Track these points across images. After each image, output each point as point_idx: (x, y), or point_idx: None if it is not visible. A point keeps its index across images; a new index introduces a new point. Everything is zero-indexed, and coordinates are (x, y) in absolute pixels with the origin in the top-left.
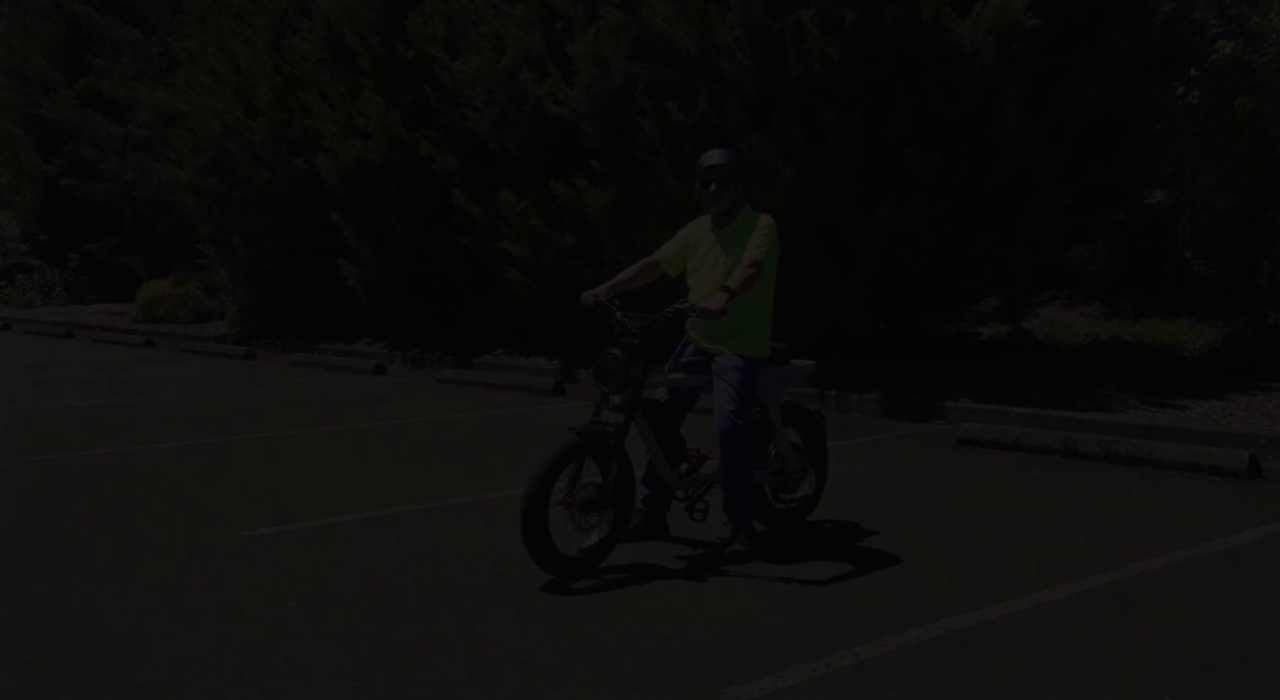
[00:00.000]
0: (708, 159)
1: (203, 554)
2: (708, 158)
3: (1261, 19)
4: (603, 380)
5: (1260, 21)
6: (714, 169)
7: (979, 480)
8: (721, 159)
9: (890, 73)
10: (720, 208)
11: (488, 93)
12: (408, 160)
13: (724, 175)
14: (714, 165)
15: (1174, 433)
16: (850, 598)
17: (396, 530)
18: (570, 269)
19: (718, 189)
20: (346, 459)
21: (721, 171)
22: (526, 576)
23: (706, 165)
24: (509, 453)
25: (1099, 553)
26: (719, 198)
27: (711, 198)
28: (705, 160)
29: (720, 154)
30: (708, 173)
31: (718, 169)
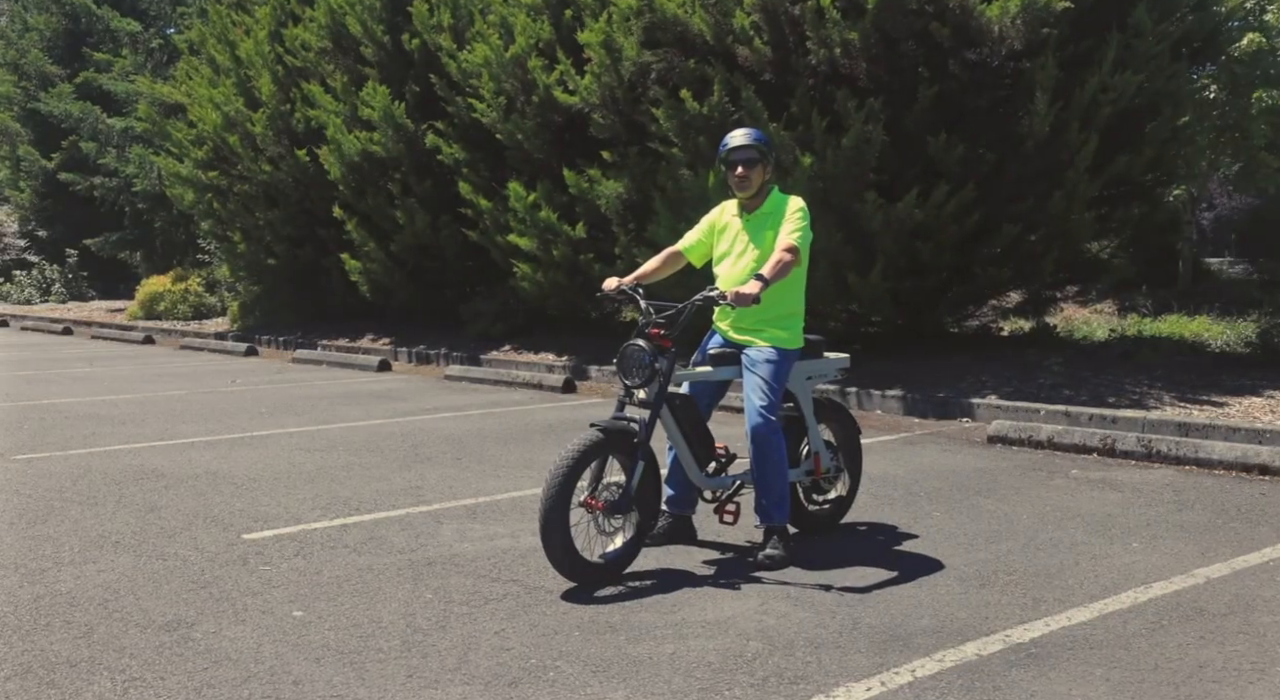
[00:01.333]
0: (734, 139)
1: (199, 558)
2: (733, 138)
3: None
4: (626, 373)
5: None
6: (741, 150)
7: (1015, 480)
8: (749, 139)
9: (913, 59)
10: (749, 191)
11: (495, 82)
12: (413, 152)
13: (752, 156)
14: (741, 146)
15: (1215, 431)
16: (898, 608)
17: (406, 533)
18: (580, 262)
19: (745, 171)
20: (351, 458)
21: (749, 152)
22: (548, 583)
23: (733, 146)
24: (521, 452)
25: (1158, 558)
26: (747, 181)
27: (739, 181)
28: (731, 141)
29: (747, 134)
30: (734, 154)
31: (745, 150)
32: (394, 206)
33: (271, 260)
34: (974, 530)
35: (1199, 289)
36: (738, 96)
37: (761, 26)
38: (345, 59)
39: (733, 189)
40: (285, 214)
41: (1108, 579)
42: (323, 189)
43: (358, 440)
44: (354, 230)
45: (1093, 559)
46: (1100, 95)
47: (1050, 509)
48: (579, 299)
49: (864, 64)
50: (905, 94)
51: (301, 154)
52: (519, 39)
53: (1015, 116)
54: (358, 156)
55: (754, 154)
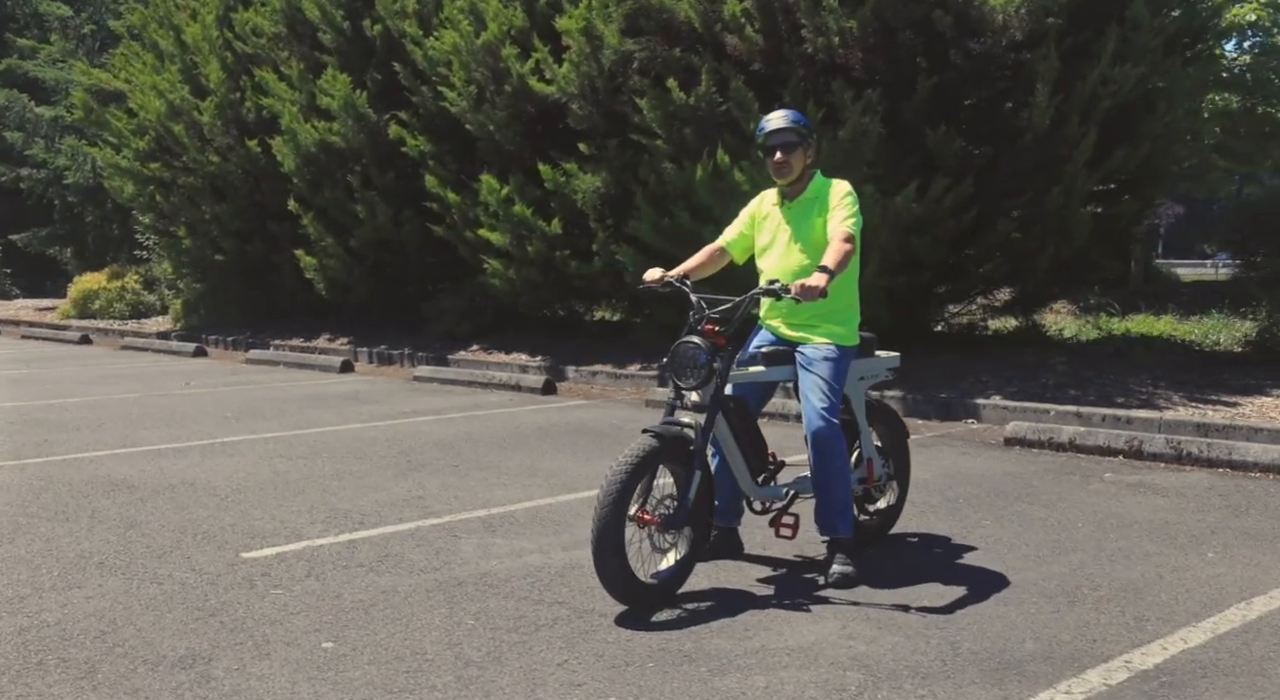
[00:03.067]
0: (771, 122)
1: (198, 581)
2: (771, 121)
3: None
4: (680, 374)
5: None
6: (780, 133)
7: (1051, 484)
8: (788, 121)
9: (911, 49)
10: (789, 177)
11: (466, 71)
12: (374, 143)
13: (792, 140)
14: (780, 129)
15: (1236, 431)
16: (992, 630)
17: (423, 550)
18: (556, 259)
19: (785, 156)
20: (338, 466)
21: (789, 136)
22: (597, 606)
23: (771, 129)
24: (520, 458)
25: (1241, 570)
26: (787, 166)
27: (778, 167)
28: (769, 124)
29: (785, 115)
30: (773, 138)
31: (784, 133)
32: (354, 200)
33: (219, 256)
34: (1034, 540)
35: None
36: (726, 86)
37: (753, 14)
38: (301, 46)
39: (771, 176)
40: (234, 207)
41: (1201, 594)
42: (275, 181)
43: (340, 446)
44: (310, 225)
45: (1174, 571)
46: (1100, 88)
47: (1102, 516)
48: (553, 297)
49: (860, 54)
50: (903, 85)
51: (253, 144)
52: (491, 25)
53: (1014, 109)
54: (315, 147)
55: (794, 137)
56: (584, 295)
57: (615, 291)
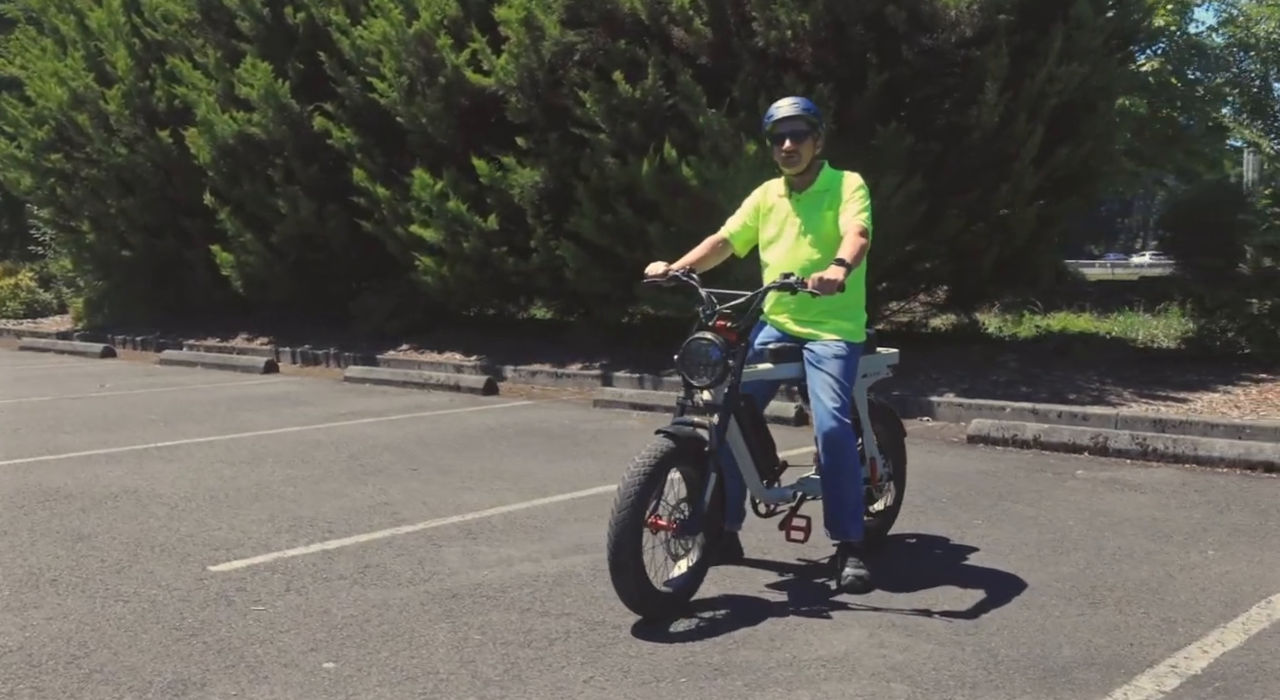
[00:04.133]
0: (780, 110)
1: (169, 598)
2: (780, 108)
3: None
4: (694, 372)
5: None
6: (789, 121)
7: (1027, 482)
8: (797, 109)
9: (862, 44)
10: (798, 167)
11: (397, 61)
12: (298, 135)
13: (801, 129)
14: (789, 117)
15: (1193, 426)
16: (1025, 635)
17: (405, 560)
18: (492, 256)
19: (794, 145)
20: (289, 471)
21: (798, 124)
22: (607, 616)
23: (779, 117)
24: (479, 461)
25: (1247, 567)
26: (796, 156)
27: (787, 156)
28: (777, 111)
29: (795, 103)
30: (781, 126)
31: (794, 121)
32: (275, 194)
33: (125, 252)
34: (1031, 540)
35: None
36: (673, 80)
37: (701, 6)
38: (216, 33)
39: (779, 165)
40: (143, 201)
41: (1219, 594)
42: (188, 174)
43: (284, 451)
44: (228, 219)
45: (1182, 570)
46: (1047, 86)
47: (1089, 513)
48: (489, 294)
49: (810, 48)
50: (854, 81)
51: (164, 135)
52: (423, 14)
53: (963, 107)
54: (233, 139)
55: (803, 126)
56: (522, 293)
57: (554, 289)
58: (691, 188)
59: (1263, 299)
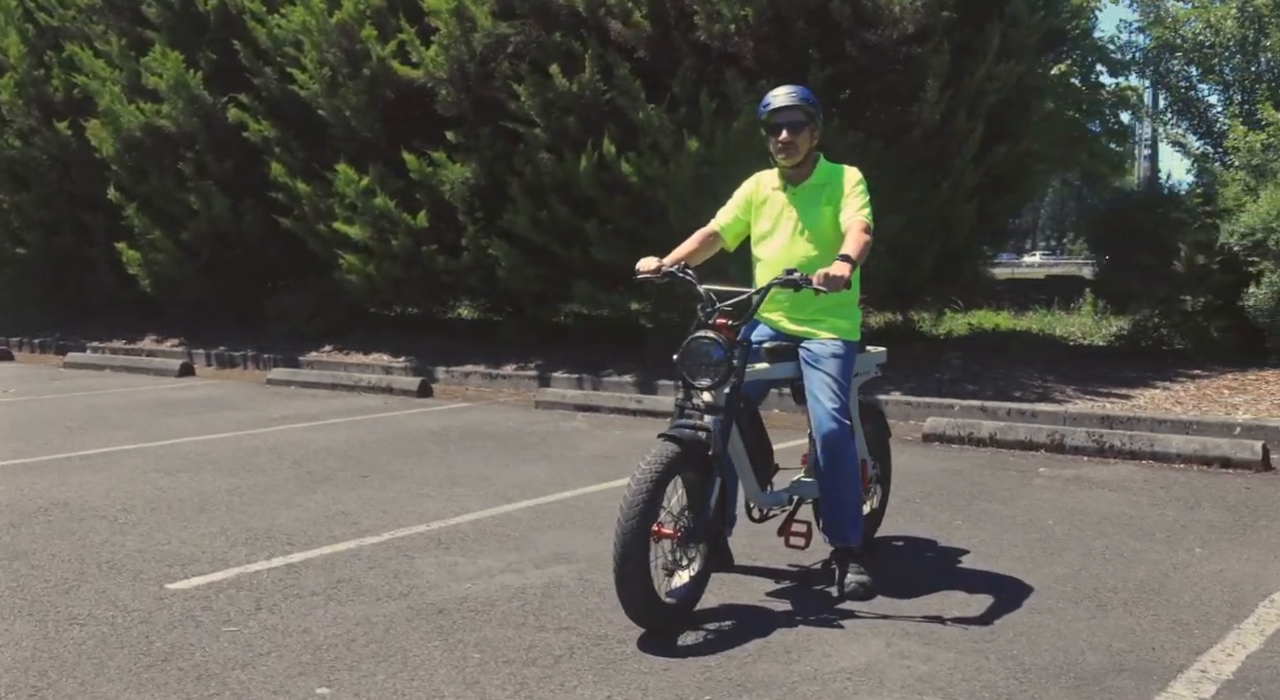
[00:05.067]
0: (776, 99)
1: (128, 620)
2: (776, 97)
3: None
4: (695, 373)
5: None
6: (785, 111)
7: (995, 481)
8: (794, 99)
9: (805, 39)
10: (794, 159)
11: (318, 52)
12: (210, 127)
13: (799, 119)
14: (785, 107)
15: (1140, 422)
16: (1044, 641)
17: (378, 573)
18: (422, 254)
19: (791, 136)
20: (231, 480)
21: (795, 114)
22: (607, 630)
23: (775, 107)
24: (431, 466)
25: (1238, 564)
26: (793, 147)
27: (783, 147)
28: (773, 101)
29: (792, 92)
30: (778, 116)
31: (790, 111)
32: (186, 189)
33: (20, 249)
34: (1017, 541)
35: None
36: (611, 74)
37: (641, 0)
38: (120, 19)
39: (774, 157)
40: (39, 196)
41: (1220, 593)
42: (88, 168)
43: (221, 458)
44: (134, 216)
45: (1175, 570)
46: (986, 84)
47: (1065, 512)
48: (417, 293)
49: (752, 43)
50: (796, 77)
51: (62, 127)
52: (346, 4)
53: (904, 104)
54: (140, 131)
55: (801, 116)
56: (452, 292)
57: (486, 288)
58: (631, 184)
59: (1196, 296)
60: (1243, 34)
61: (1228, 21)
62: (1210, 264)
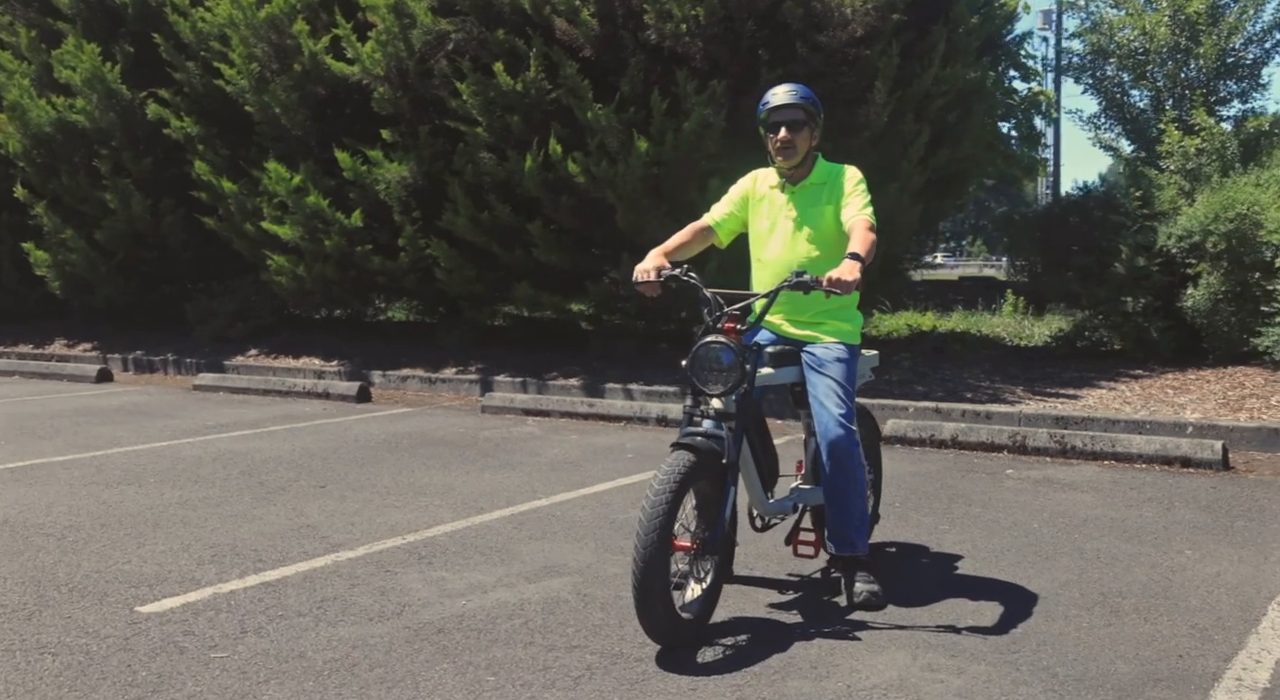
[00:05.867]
0: (775, 97)
1: (103, 647)
2: (775, 96)
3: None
4: (705, 379)
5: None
6: (784, 110)
7: (968, 484)
8: (794, 97)
9: (754, 40)
10: (794, 159)
11: (246, 46)
12: (128, 123)
13: (798, 118)
14: (785, 105)
15: (1094, 422)
16: (1070, 651)
17: (363, 590)
18: (356, 255)
19: (790, 135)
20: (180, 492)
21: (795, 112)
22: (621, 647)
23: (775, 105)
24: (390, 474)
25: (1230, 567)
26: (792, 147)
27: (782, 146)
28: (772, 99)
29: (793, 90)
30: (777, 115)
31: (790, 110)
32: (101, 187)
33: None
34: (1007, 546)
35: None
36: (556, 72)
37: None
38: (28, 10)
39: (772, 156)
40: None
41: (1226, 597)
42: None
43: (163, 469)
44: (44, 215)
45: (1173, 573)
46: (933, 87)
47: (1047, 515)
48: (349, 295)
49: (701, 44)
50: (745, 77)
51: None
52: None
53: (852, 106)
54: (50, 127)
55: (800, 115)
56: (388, 293)
57: (423, 289)
58: (578, 185)
59: (1136, 297)
60: (1175, 41)
61: (1160, 28)
62: (1150, 266)
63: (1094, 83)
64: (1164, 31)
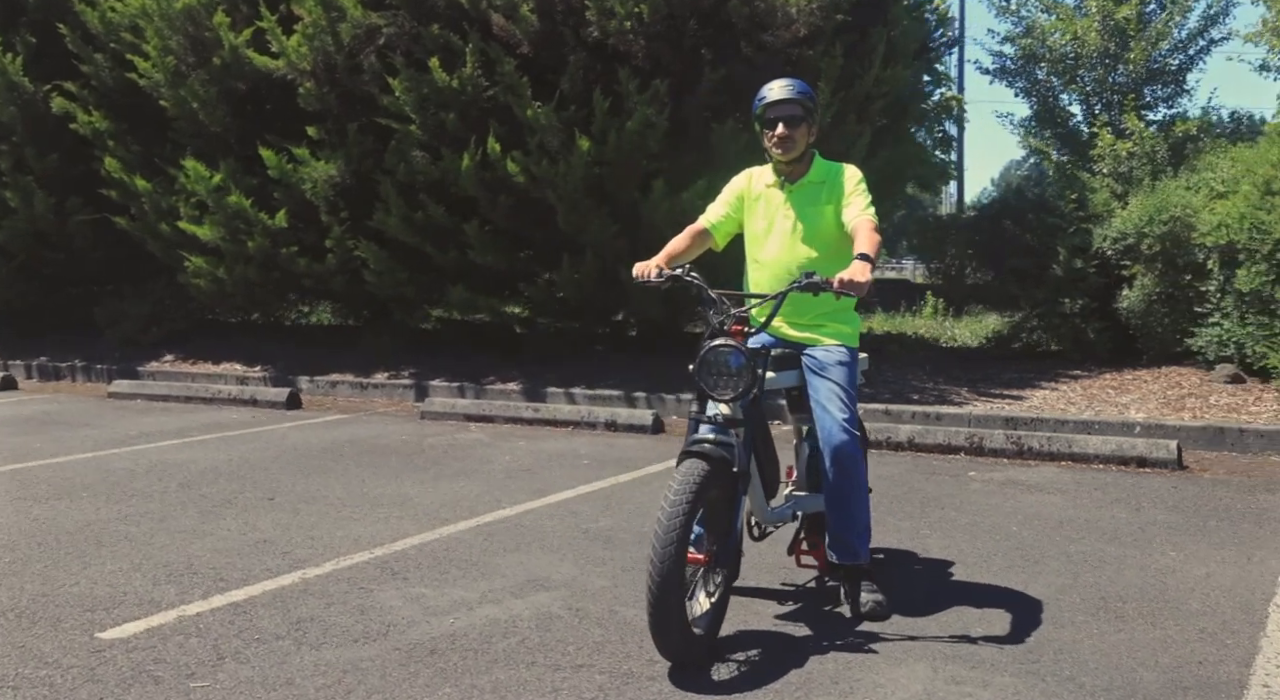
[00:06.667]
0: (772, 92)
1: (67, 680)
2: (772, 90)
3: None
4: (715, 385)
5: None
6: (782, 105)
7: (936, 487)
8: (792, 92)
9: (697, 39)
10: (792, 155)
11: (160, 38)
12: (29, 118)
13: (796, 113)
14: (782, 100)
15: (1044, 423)
16: (1092, 661)
17: (339, 610)
18: (281, 256)
19: (788, 131)
20: (118, 507)
21: (793, 108)
22: (629, 666)
23: (772, 100)
24: (338, 485)
25: (1219, 568)
26: (790, 142)
27: (780, 142)
28: (769, 94)
29: (790, 85)
30: (774, 110)
31: (788, 105)
32: (1, 185)
33: None
34: (993, 550)
35: None
36: (493, 69)
37: None
38: None
39: (769, 153)
40: None
41: (1222, 599)
42: None
43: (94, 482)
44: None
45: (1164, 575)
46: (874, 88)
47: (1023, 517)
48: (272, 298)
49: (644, 42)
50: (688, 76)
51: None
52: None
53: None
54: None
55: (799, 110)
56: (314, 296)
57: (350, 292)
58: (517, 185)
59: (1073, 299)
60: (1105, 46)
61: (1091, 33)
62: (1087, 267)
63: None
64: (1094, 37)
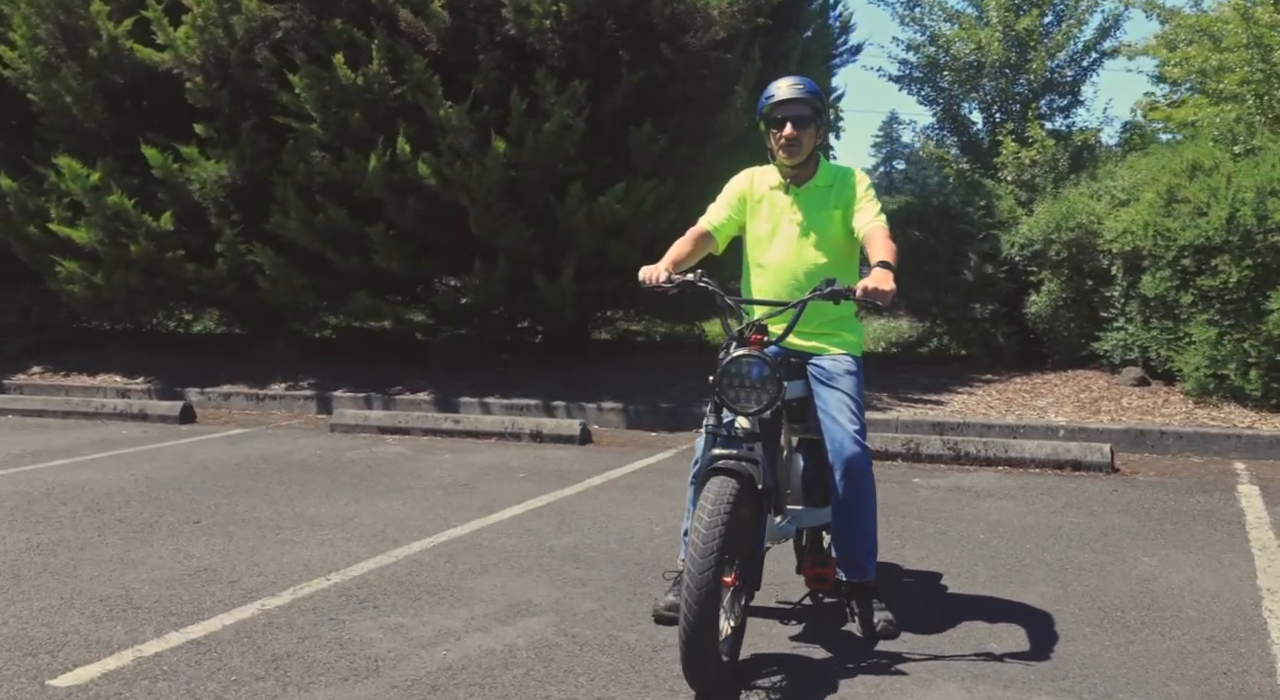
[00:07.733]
0: (780, 91)
1: None
2: (779, 89)
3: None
4: (737, 398)
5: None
6: (790, 104)
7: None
8: (800, 91)
9: (615, 40)
10: (799, 157)
11: (29, 27)
12: None
13: (805, 114)
14: (790, 100)
15: (970, 428)
16: (1119, 674)
17: (314, 644)
18: (166, 261)
19: (796, 132)
20: (25, 535)
21: (801, 108)
22: (646, 696)
23: (780, 99)
24: (266, 506)
25: (1199, 573)
26: (797, 144)
27: (787, 143)
28: (777, 92)
29: (798, 84)
30: (782, 110)
31: (796, 105)
32: None
33: None
34: (970, 560)
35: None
36: (401, 67)
37: None
38: None
39: (774, 154)
40: None
41: (1214, 606)
42: None
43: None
44: None
45: (1147, 581)
46: None
47: (987, 525)
48: (154, 306)
49: (560, 42)
50: (606, 78)
51: None
52: None
53: (711, 111)
54: None
55: (806, 110)
56: (201, 303)
57: (242, 299)
58: (427, 187)
59: (984, 304)
60: (1006, 56)
61: (994, 43)
62: (997, 273)
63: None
64: (996, 47)
